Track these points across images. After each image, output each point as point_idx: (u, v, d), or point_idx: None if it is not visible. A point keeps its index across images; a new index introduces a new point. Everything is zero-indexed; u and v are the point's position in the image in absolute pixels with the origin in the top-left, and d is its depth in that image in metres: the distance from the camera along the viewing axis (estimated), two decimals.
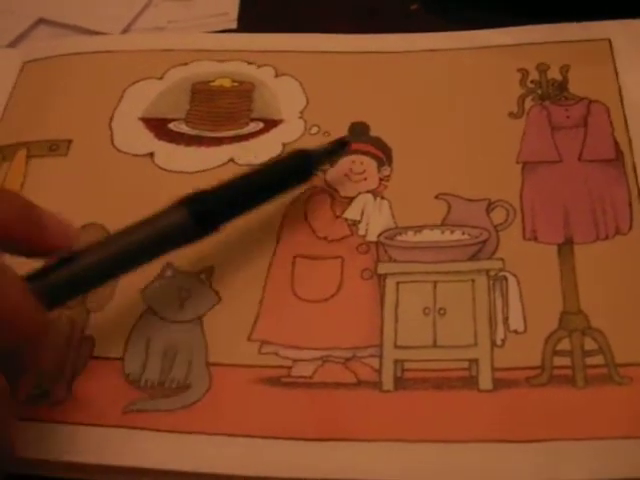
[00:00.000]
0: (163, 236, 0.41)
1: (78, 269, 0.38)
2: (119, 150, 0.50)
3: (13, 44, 0.58)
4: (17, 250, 0.37)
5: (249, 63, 0.54)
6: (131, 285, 0.43)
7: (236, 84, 0.53)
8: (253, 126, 0.51)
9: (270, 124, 0.51)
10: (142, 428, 0.39)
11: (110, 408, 0.40)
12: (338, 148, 0.48)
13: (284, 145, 0.50)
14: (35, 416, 0.40)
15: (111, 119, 0.52)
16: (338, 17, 0.57)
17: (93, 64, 0.55)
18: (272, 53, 0.54)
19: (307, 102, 0.52)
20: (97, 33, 0.58)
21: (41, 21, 0.60)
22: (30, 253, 0.37)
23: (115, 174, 0.49)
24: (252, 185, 0.44)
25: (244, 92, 0.53)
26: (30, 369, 0.36)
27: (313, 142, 0.49)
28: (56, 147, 0.50)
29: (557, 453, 0.37)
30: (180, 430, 0.39)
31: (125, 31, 0.59)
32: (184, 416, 0.40)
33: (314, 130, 0.50)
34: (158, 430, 0.39)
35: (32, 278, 0.37)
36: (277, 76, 0.53)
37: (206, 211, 0.42)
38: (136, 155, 0.50)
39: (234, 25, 0.58)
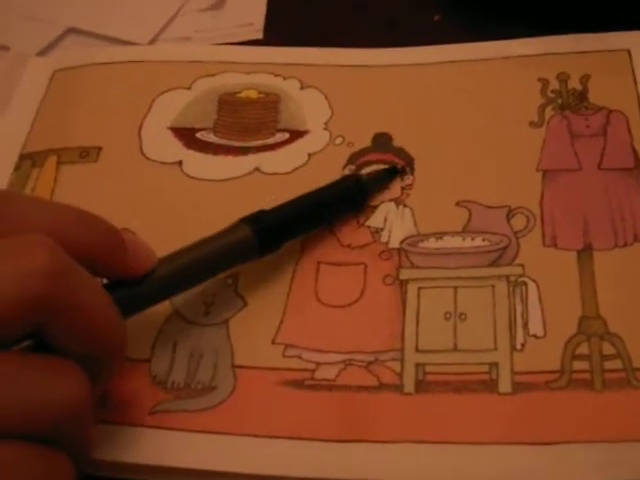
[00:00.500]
0: (228, 253, 0.42)
1: (148, 284, 0.39)
2: (148, 158, 0.51)
3: (43, 53, 0.59)
4: (99, 273, 0.37)
5: (275, 75, 0.55)
6: None
7: (262, 95, 0.54)
8: (279, 136, 0.52)
9: (296, 135, 0.52)
10: (168, 428, 0.40)
11: (137, 408, 0.41)
12: (389, 175, 0.49)
13: (309, 155, 0.50)
14: None
15: (140, 128, 0.53)
16: (362, 29, 0.58)
17: (123, 73, 0.56)
18: (298, 66, 0.55)
19: (332, 113, 0.52)
20: (125, 42, 0.59)
21: (70, 30, 0.61)
22: (111, 276, 0.38)
23: (144, 181, 0.50)
24: (310, 207, 0.46)
25: (270, 103, 0.53)
26: (109, 377, 0.37)
27: (338, 152, 0.50)
28: (86, 154, 0.51)
29: (575, 456, 0.37)
30: (205, 430, 0.40)
31: (153, 40, 0.59)
32: (209, 417, 0.40)
33: (338, 141, 0.51)
34: (184, 430, 0.40)
35: (107, 289, 0.37)
36: (302, 88, 0.54)
37: (268, 230, 0.43)
38: (165, 163, 0.51)
39: (260, 35, 0.59)
